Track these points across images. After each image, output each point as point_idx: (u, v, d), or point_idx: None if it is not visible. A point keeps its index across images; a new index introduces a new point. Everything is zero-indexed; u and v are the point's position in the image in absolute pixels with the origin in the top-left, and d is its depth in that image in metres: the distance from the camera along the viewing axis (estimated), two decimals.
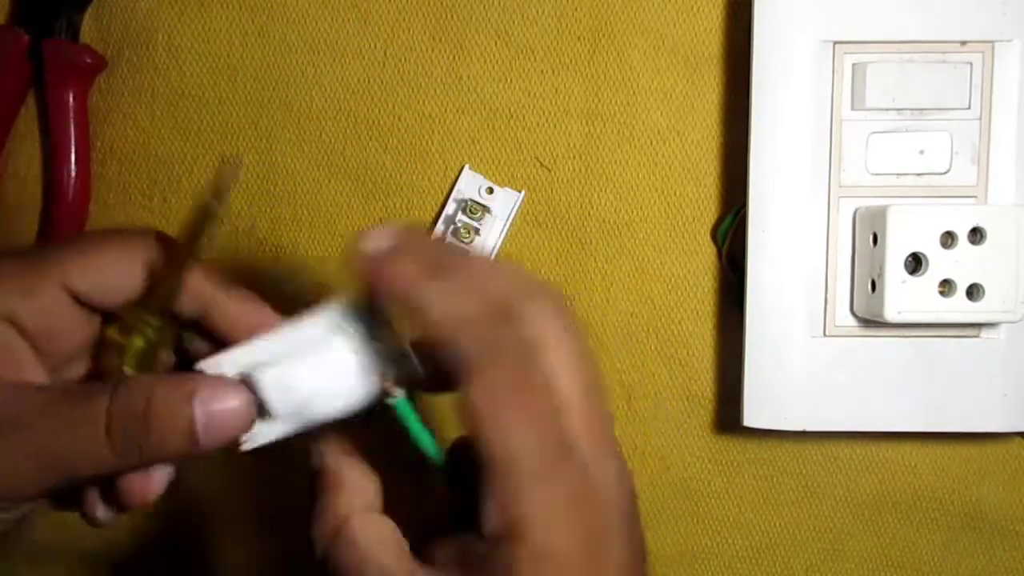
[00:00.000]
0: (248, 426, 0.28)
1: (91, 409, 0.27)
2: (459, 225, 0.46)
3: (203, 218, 0.28)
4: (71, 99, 0.47)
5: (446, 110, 0.48)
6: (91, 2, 0.47)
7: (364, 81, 0.48)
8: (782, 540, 0.50)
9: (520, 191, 0.47)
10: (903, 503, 0.49)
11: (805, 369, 0.44)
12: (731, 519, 0.50)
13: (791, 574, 0.50)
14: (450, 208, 0.47)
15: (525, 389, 0.26)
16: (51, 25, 0.47)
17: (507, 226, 0.47)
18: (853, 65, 0.44)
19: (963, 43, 0.43)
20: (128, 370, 0.29)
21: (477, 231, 0.47)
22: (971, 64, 0.43)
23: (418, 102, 0.48)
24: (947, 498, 0.49)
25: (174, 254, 0.29)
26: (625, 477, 0.27)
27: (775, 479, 0.49)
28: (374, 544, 0.28)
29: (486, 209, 0.47)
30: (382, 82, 0.48)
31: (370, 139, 0.48)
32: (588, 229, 0.48)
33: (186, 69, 0.48)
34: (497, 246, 0.47)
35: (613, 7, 0.47)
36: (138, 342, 0.29)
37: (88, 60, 0.47)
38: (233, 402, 0.27)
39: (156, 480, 0.29)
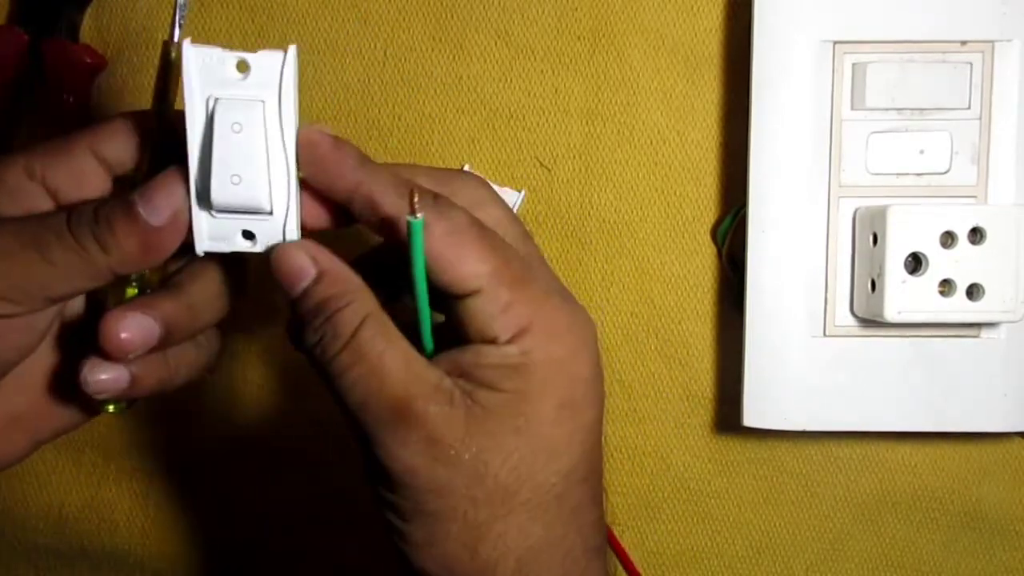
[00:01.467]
0: (181, 195, 0.29)
1: (55, 218, 0.30)
2: None
3: (164, 67, 0.30)
4: (71, 99, 0.47)
5: (446, 110, 0.48)
6: (91, 2, 0.47)
7: (364, 81, 0.48)
8: (782, 540, 0.50)
9: (520, 191, 0.47)
10: (903, 503, 0.49)
11: (805, 369, 0.44)
12: (731, 519, 0.50)
13: (791, 574, 0.50)
14: None
15: (478, 226, 0.30)
16: (51, 25, 0.47)
17: None
18: (853, 65, 0.44)
19: (963, 43, 0.43)
20: None
21: None
22: (971, 64, 0.43)
23: (418, 102, 0.48)
24: (947, 498, 0.49)
25: (149, 118, 0.32)
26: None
27: (775, 479, 0.49)
28: (393, 349, 0.29)
29: None
30: (382, 82, 0.48)
31: (370, 139, 0.48)
32: (588, 229, 0.48)
33: None
34: None
35: (613, 7, 0.47)
36: None
37: (88, 60, 0.47)
38: (165, 180, 0.29)
39: (128, 322, 0.30)
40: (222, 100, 0.29)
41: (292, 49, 0.29)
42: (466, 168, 0.47)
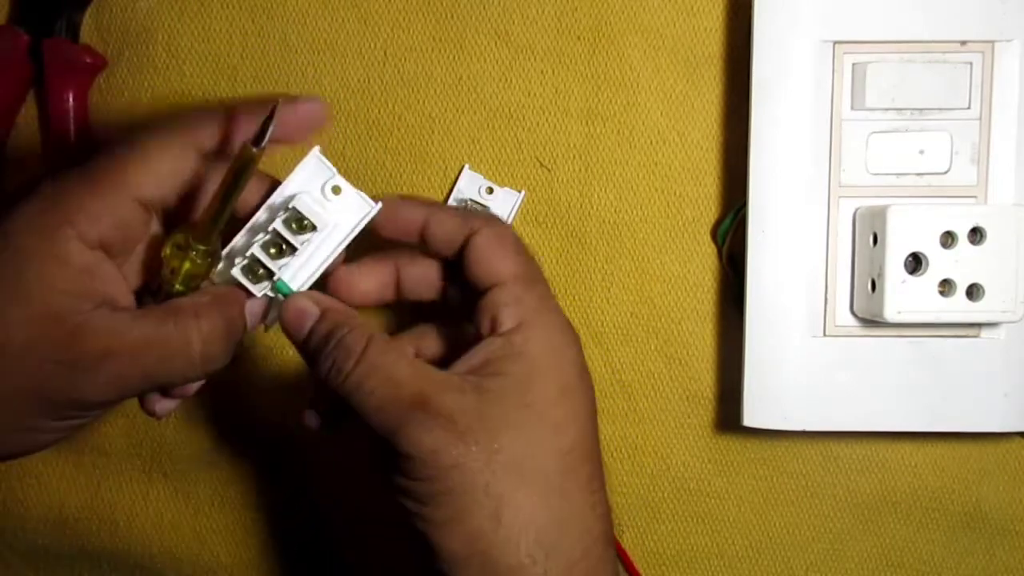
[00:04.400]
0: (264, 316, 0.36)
1: (183, 341, 0.33)
2: None
3: (242, 162, 0.32)
4: (71, 99, 0.47)
5: (446, 110, 0.48)
6: (91, 2, 0.48)
7: (364, 81, 0.48)
8: (782, 540, 0.50)
9: (520, 191, 0.47)
10: (903, 503, 0.49)
11: (805, 369, 0.44)
12: (731, 519, 0.50)
13: (791, 574, 0.50)
14: None
15: (517, 238, 0.36)
16: (51, 25, 0.47)
17: None
18: (853, 65, 0.44)
19: (963, 43, 0.43)
20: (178, 287, 0.34)
21: None
22: (971, 64, 0.43)
23: (418, 102, 0.48)
24: (947, 498, 0.49)
25: (217, 192, 0.33)
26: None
27: (775, 479, 0.49)
28: (402, 359, 0.33)
29: (486, 209, 0.47)
30: (382, 82, 0.48)
31: (370, 139, 0.48)
32: (588, 229, 0.48)
33: (186, 69, 0.48)
34: None
35: (613, 7, 0.47)
36: (187, 265, 0.34)
37: (88, 60, 0.47)
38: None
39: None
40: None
41: (377, 206, 0.35)
42: (467, 168, 0.47)
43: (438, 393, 0.32)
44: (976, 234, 0.41)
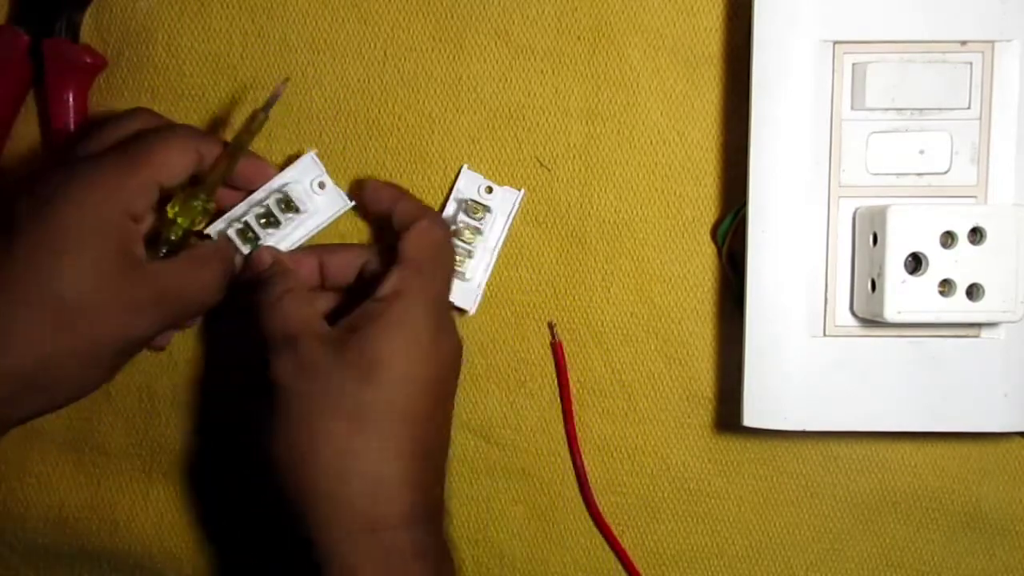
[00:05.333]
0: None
1: (208, 279, 0.43)
2: (459, 225, 0.46)
3: (250, 126, 0.43)
4: (71, 99, 0.47)
5: (446, 110, 0.48)
6: (91, 2, 0.48)
7: (364, 81, 0.48)
8: (782, 540, 0.50)
9: (520, 191, 0.47)
10: (903, 503, 0.49)
11: (805, 369, 0.44)
12: (731, 519, 0.50)
13: (791, 574, 0.50)
14: (450, 208, 0.47)
15: (440, 240, 0.44)
16: (51, 25, 0.47)
17: (507, 226, 0.47)
18: (853, 65, 0.44)
19: (963, 43, 0.43)
20: (174, 237, 0.43)
21: (478, 231, 0.47)
22: (971, 64, 0.43)
23: (418, 102, 0.48)
24: (947, 498, 0.49)
25: (223, 153, 0.43)
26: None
27: (775, 479, 0.49)
28: (315, 304, 0.44)
29: (486, 209, 0.47)
30: (382, 82, 0.48)
31: (370, 139, 0.48)
32: (588, 229, 0.48)
33: (186, 69, 0.48)
34: (498, 245, 0.47)
35: (613, 7, 0.47)
36: (195, 216, 0.43)
37: (88, 60, 0.47)
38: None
39: None
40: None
41: (350, 203, 0.46)
42: (465, 168, 0.47)
43: (307, 337, 0.40)
44: (976, 234, 0.41)
